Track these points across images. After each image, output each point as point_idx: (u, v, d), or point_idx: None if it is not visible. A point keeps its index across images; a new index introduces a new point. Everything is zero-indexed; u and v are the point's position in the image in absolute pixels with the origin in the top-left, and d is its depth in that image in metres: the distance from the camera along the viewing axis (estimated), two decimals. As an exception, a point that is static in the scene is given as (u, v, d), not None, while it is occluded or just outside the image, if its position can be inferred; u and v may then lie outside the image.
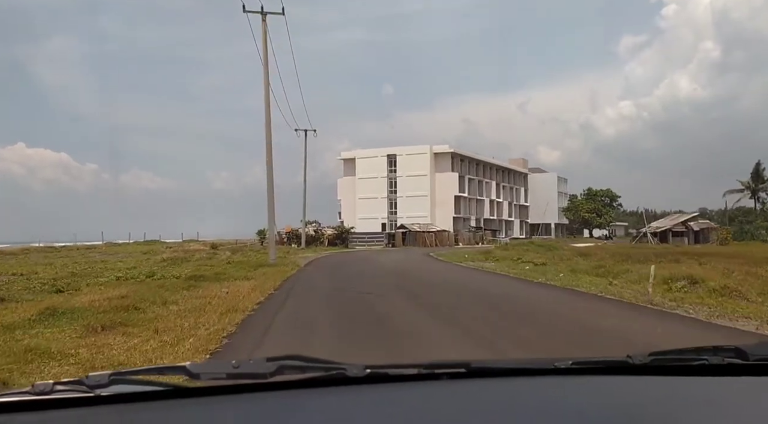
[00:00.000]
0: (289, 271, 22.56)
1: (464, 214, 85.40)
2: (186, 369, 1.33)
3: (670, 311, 11.29)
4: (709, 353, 1.60)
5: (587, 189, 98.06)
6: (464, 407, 1.34)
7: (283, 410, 1.29)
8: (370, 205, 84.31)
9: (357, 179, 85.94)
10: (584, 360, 1.60)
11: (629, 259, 24.03)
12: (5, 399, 1.25)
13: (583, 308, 12.03)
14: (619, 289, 14.68)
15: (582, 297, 13.77)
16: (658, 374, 1.56)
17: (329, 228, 61.47)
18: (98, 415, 1.24)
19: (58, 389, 1.25)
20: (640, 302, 12.30)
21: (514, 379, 1.57)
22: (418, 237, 60.97)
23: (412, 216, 76.08)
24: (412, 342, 8.31)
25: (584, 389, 1.51)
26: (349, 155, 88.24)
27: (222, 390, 1.35)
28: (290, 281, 18.66)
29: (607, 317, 10.69)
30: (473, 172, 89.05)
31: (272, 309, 11.76)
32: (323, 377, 1.40)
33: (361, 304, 12.79)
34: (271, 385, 1.36)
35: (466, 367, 1.52)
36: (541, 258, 27.19)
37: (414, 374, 1.49)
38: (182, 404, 1.30)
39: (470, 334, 8.93)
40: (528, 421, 1.28)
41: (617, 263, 21.85)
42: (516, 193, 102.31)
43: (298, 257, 36.74)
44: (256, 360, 1.40)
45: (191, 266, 25.34)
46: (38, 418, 1.22)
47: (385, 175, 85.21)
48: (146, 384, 1.32)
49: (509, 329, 9.40)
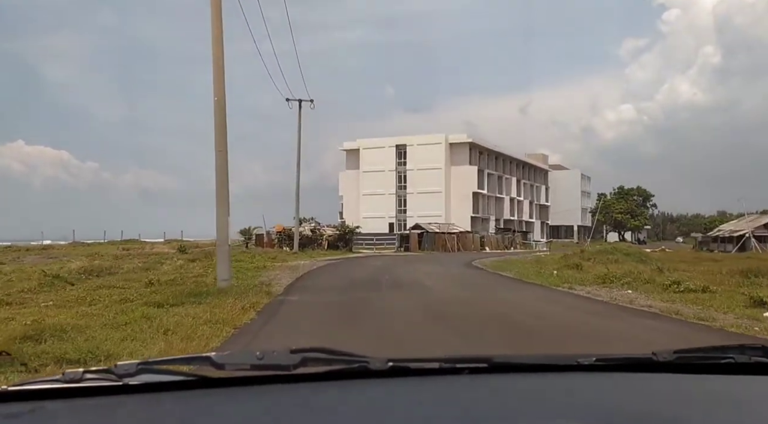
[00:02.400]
0: (238, 318, 9.82)
1: (483, 213, 73.55)
2: (211, 359, 1.33)
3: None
4: (736, 352, 1.54)
5: (618, 188, 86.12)
6: (485, 401, 1.33)
7: (305, 401, 1.30)
8: (376, 202, 72.41)
9: (361, 173, 74.07)
10: (608, 357, 1.56)
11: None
12: (36, 386, 1.26)
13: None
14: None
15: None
16: (683, 372, 1.51)
17: (329, 227, 49.64)
18: (126, 403, 1.25)
19: (87, 378, 1.26)
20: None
21: (536, 374, 1.52)
22: (437, 240, 49.14)
23: (423, 215, 63.98)
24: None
25: (608, 385, 1.48)
26: (352, 146, 76.35)
27: (246, 381, 1.34)
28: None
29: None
30: (492, 166, 77.19)
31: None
32: (346, 369, 1.38)
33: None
34: (294, 377, 1.34)
35: (488, 362, 1.49)
36: (695, 278, 15.34)
37: (435, 368, 1.46)
38: (207, 394, 1.30)
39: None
40: (550, 417, 1.24)
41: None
42: (536, 192, 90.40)
43: (282, 269, 24.78)
44: (279, 352, 1.38)
45: (80, 290, 13.68)
46: (68, 405, 1.23)
47: (393, 168, 73.34)
48: (172, 374, 1.32)
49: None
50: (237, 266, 22.96)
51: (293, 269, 24.36)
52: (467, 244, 50.97)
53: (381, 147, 73.69)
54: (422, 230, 50.09)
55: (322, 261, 31.34)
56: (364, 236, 52.29)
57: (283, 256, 35.97)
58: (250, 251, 38.55)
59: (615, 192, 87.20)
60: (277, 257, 33.73)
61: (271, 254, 37.11)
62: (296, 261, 31.59)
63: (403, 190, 72.93)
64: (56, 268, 20.12)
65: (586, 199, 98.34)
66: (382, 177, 72.83)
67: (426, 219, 60.65)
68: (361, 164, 74.14)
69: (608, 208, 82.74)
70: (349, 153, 76.70)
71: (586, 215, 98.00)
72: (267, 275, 20.19)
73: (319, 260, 32.47)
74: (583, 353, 1.58)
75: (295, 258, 34.85)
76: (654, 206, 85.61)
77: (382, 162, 72.85)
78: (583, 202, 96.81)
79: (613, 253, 25.81)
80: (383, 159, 72.99)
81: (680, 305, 11.60)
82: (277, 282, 17.15)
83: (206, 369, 1.34)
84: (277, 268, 25.03)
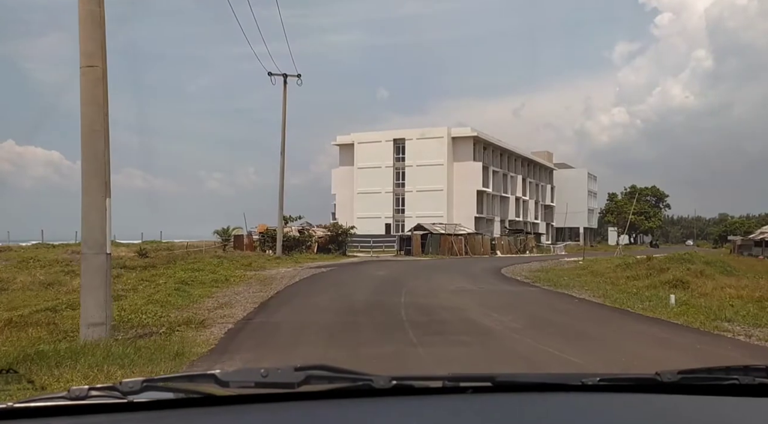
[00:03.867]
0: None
1: (487, 214, 66.81)
2: (216, 377, 1.31)
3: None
4: (740, 373, 1.52)
5: (630, 187, 79.47)
6: (489, 421, 1.31)
7: (309, 419, 1.28)
8: (372, 201, 65.53)
9: (356, 169, 67.14)
10: (612, 377, 1.53)
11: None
12: (42, 404, 1.24)
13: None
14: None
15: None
16: (687, 393, 1.49)
17: (320, 228, 42.62)
18: (131, 420, 1.24)
19: (92, 395, 1.25)
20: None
21: (540, 394, 1.49)
22: (443, 242, 42.29)
23: (423, 215, 57.13)
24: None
25: (612, 406, 1.45)
26: (346, 140, 69.35)
27: (250, 399, 1.33)
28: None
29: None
30: (497, 163, 70.44)
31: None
32: (350, 387, 1.36)
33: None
34: (298, 394, 1.32)
35: (492, 380, 1.46)
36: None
37: (439, 387, 1.44)
38: (211, 412, 1.29)
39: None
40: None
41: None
42: (542, 191, 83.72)
43: (252, 282, 17.81)
44: (284, 369, 1.36)
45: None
46: (73, 422, 1.21)
47: (390, 164, 66.44)
48: (177, 391, 1.30)
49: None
50: (187, 278, 16.05)
51: (267, 282, 17.47)
52: (476, 247, 44.17)
53: (377, 141, 66.80)
54: (425, 230, 43.23)
55: (309, 268, 24.41)
56: (359, 237, 45.41)
57: (262, 261, 28.98)
58: (225, 256, 31.51)
59: (626, 192, 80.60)
60: (253, 263, 26.75)
61: (248, 259, 30.11)
62: (276, 268, 24.63)
63: (401, 188, 66.05)
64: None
65: (592, 199, 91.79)
66: (378, 174, 65.97)
67: (426, 219, 53.77)
68: (356, 160, 67.22)
69: (620, 208, 76.03)
70: (343, 148, 69.76)
71: (593, 217, 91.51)
72: (221, 296, 13.29)
73: (305, 267, 25.53)
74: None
75: (277, 264, 27.88)
76: (667, 207, 79.08)
77: (378, 158, 65.99)
78: (589, 203, 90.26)
79: (690, 261, 18.95)
80: (380, 154, 66.12)
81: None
82: (226, 313, 10.32)
83: (211, 387, 1.31)
84: (246, 280, 18.12)
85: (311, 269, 23.86)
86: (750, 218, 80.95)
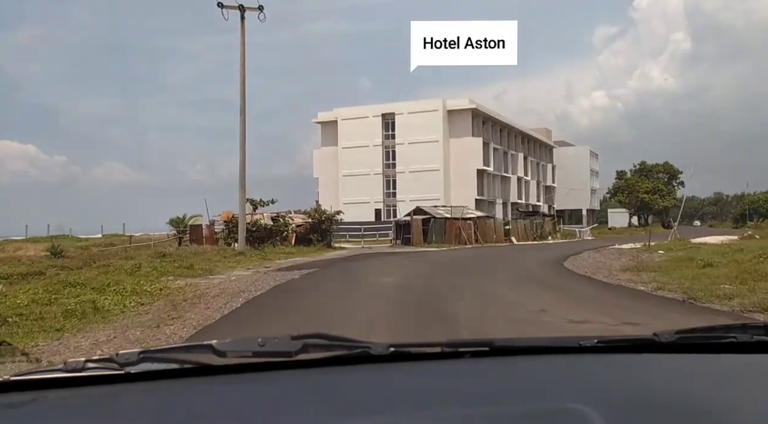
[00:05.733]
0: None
1: (488, 195, 59.14)
2: (213, 347, 1.29)
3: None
4: (738, 331, 1.50)
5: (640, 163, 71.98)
6: (487, 384, 1.30)
7: (307, 387, 1.27)
8: (359, 184, 57.54)
9: (340, 149, 59.03)
10: (609, 338, 1.51)
11: None
12: (38, 376, 1.22)
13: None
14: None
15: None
16: (685, 353, 1.47)
17: (299, 214, 34.53)
18: (128, 392, 1.23)
19: (89, 367, 1.23)
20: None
21: (538, 357, 1.48)
22: (448, 228, 34.48)
23: (417, 199, 49.13)
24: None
25: (609, 367, 1.44)
26: (328, 117, 61.16)
27: (247, 368, 1.31)
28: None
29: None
30: (497, 140, 62.64)
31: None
32: (347, 355, 1.35)
33: None
34: (296, 363, 1.31)
35: (490, 345, 1.44)
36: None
37: (437, 353, 1.43)
38: (209, 382, 1.27)
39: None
40: (553, 399, 1.20)
41: None
42: (542, 171, 76.18)
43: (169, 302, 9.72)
44: (281, 338, 1.34)
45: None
46: (70, 394, 1.20)
47: (379, 143, 58.40)
48: (174, 362, 1.29)
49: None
50: (43, 299, 8.09)
51: (192, 304, 9.54)
52: (487, 233, 36.46)
53: (364, 117, 58.65)
54: (426, 214, 35.34)
55: (278, 271, 16.50)
56: (347, 225, 37.47)
57: (216, 260, 20.94)
58: (172, 252, 23.38)
59: (636, 169, 73.19)
60: (201, 263, 18.75)
61: (199, 256, 22.04)
62: (229, 272, 16.68)
63: (392, 168, 58.08)
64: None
65: (594, 179, 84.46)
66: (365, 154, 57.93)
67: (421, 203, 45.95)
68: (340, 139, 59.07)
69: (631, 187, 68.58)
70: (325, 126, 61.53)
71: (596, 197, 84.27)
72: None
73: (272, 269, 17.60)
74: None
75: (235, 264, 19.89)
76: (681, 185, 71.72)
77: (365, 135, 57.90)
78: (592, 183, 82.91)
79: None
80: (367, 132, 58.04)
81: None
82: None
83: (208, 357, 1.28)
84: (161, 299, 10.16)
85: (280, 273, 15.85)
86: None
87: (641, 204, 69.01)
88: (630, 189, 69.32)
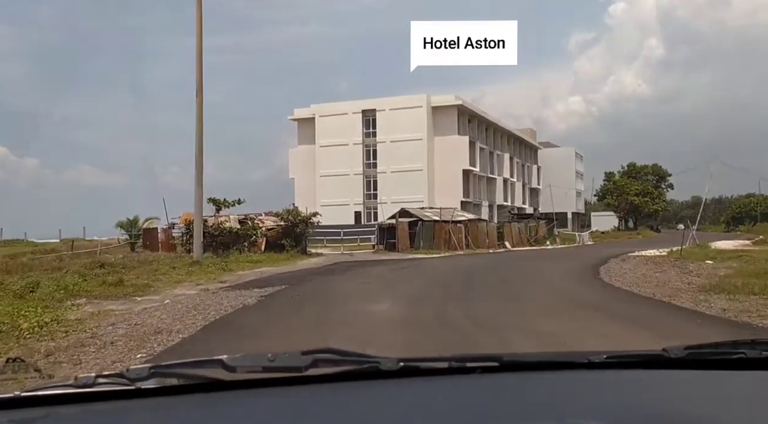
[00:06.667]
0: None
1: (474, 197, 55.76)
2: (223, 362, 1.28)
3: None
4: (747, 347, 1.47)
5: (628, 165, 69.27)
6: (497, 400, 1.29)
7: (317, 403, 1.27)
8: (338, 185, 53.73)
9: (318, 148, 55.11)
10: (619, 354, 1.50)
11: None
12: (49, 392, 1.22)
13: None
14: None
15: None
16: (694, 368, 1.45)
17: (270, 217, 30.54)
18: (138, 407, 1.23)
19: (99, 382, 1.23)
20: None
21: (547, 373, 1.46)
22: (437, 232, 30.83)
23: (399, 200, 45.39)
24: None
25: (619, 382, 1.42)
26: (305, 113, 57.21)
27: (258, 383, 1.31)
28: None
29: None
30: (482, 139, 59.34)
31: None
32: (357, 370, 1.34)
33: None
34: (305, 378, 1.31)
35: (499, 360, 1.43)
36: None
37: (446, 368, 1.42)
38: (219, 397, 1.27)
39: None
40: (563, 415, 1.18)
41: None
42: (527, 172, 73.17)
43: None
44: (291, 354, 1.34)
45: None
46: (81, 410, 1.20)
47: (359, 141, 54.64)
48: (184, 377, 1.29)
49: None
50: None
51: (55, 363, 5.68)
52: (479, 238, 32.89)
53: (343, 114, 54.80)
54: (413, 217, 31.65)
55: (233, 290, 12.67)
56: (324, 228, 33.62)
57: (164, 270, 16.99)
58: (114, 262, 19.28)
59: (624, 171, 70.45)
60: (141, 276, 14.77)
61: (146, 265, 18.03)
62: (170, 290, 12.80)
63: (373, 168, 54.36)
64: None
65: (579, 181, 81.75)
66: (345, 153, 54.14)
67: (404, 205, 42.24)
68: (318, 137, 55.17)
69: (620, 189, 65.77)
70: (302, 124, 57.57)
71: (580, 200, 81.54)
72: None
73: (229, 285, 13.73)
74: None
75: (186, 276, 15.95)
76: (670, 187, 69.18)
77: (344, 133, 54.08)
78: (576, 185, 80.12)
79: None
80: (346, 129, 54.22)
81: None
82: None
83: (218, 372, 1.29)
84: (18, 346, 6.24)
85: (233, 293, 11.95)
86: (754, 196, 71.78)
87: (631, 207, 66.29)
88: (619, 191, 66.49)
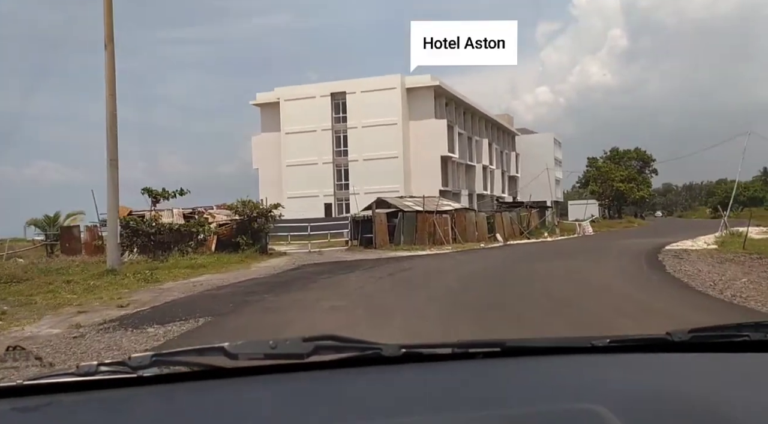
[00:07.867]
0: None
1: (453, 186, 51.48)
2: (224, 349, 1.28)
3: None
4: (751, 329, 1.47)
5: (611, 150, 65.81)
6: (499, 385, 1.29)
7: (319, 389, 1.27)
8: (306, 175, 48.86)
9: (283, 135, 50.07)
10: (622, 338, 1.49)
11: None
12: (52, 380, 1.22)
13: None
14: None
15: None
16: (698, 351, 1.45)
17: (223, 210, 25.57)
18: (141, 395, 1.23)
19: (102, 370, 1.23)
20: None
21: (550, 357, 1.45)
22: (420, 224, 26.30)
23: (373, 191, 40.71)
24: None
25: (622, 366, 1.41)
26: (269, 97, 52.00)
27: (259, 370, 1.30)
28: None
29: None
30: (461, 123, 55.04)
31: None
32: (359, 356, 1.34)
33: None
34: (307, 365, 1.30)
35: (501, 346, 1.42)
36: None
37: (448, 354, 1.41)
38: (221, 384, 1.27)
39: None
40: (566, 400, 1.18)
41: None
42: (507, 159, 69.29)
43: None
44: (292, 340, 1.33)
45: None
46: (83, 398, 1.20)
47: (328, 127, 49.77)
48: (186, 365, 1.28)
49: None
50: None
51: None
52: (467, 230, 28.50)
53: (310, 97, 49.82)
54: (392, 207, 27.05)
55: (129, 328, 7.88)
56: (290, 222, 28.75)
57: (58, 283, 12.08)
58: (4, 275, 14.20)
59: (607, 156, 67.05)
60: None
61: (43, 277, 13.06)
62: (30, 325, 7.88)
63: (344, 156, 49.60)
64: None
65: (558, 168, 78.31)
66: (312, 140, 49.22)
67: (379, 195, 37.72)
68: (283, 123, 50.10)
69: (604, 175, 62.26)
70: (266, 109, 52.35)
71: (560, 188, 78.15)
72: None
73: (128, 314, 8.97)
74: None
75: (81, 296, 11.06)
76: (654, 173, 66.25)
77: (312, 118, 49.13)
78: (556, 173, 76.66)
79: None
80: (314, 114, 49.28)
81: None
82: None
83: (220, 359, 1.28)
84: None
85: (120, 333, 7.23)
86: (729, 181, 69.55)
87: (616, 194, 62.89)
88: (603, 177, 63.02)
